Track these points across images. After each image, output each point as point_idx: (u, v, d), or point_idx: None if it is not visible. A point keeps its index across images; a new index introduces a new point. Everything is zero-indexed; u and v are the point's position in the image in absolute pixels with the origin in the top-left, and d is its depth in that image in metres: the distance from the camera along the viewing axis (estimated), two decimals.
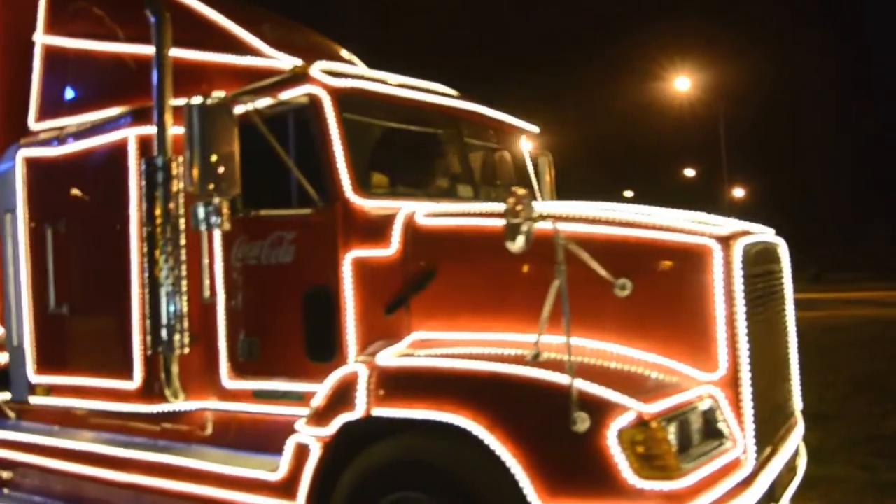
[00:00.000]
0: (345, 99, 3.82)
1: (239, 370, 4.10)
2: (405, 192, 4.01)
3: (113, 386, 4.39)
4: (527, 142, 5.31)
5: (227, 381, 4.12)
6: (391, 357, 3.34)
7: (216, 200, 3.61)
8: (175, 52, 4.26)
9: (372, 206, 3.75)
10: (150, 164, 4.05)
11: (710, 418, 3.11)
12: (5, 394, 5.11)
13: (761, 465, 3.29)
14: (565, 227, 3.41)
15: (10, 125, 5.15)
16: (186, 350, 4.14)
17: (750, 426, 3.18)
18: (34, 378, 4.88)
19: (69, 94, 4.99)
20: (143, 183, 4.17)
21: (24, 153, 4.91)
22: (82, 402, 4.63)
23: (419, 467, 3.14)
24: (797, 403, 4.24)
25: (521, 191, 2.92)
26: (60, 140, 4.75)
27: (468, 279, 3.53)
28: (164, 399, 4.19)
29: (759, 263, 3.57)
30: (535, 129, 5.27)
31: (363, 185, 3.78)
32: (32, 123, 5.04)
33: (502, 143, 5.14)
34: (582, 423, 2.72)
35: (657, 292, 3.27)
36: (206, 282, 4.16)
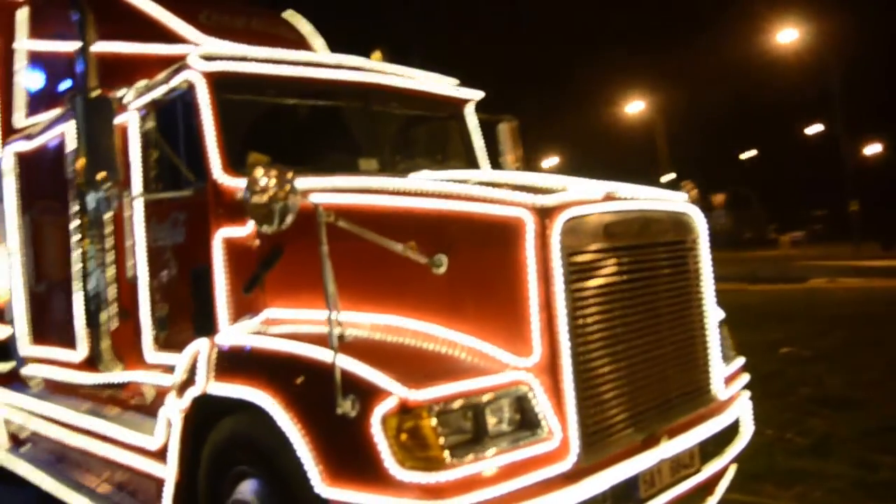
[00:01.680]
0: (220, 82, 3.92)
1: (157, 344, 4.36)
2: (287, 169, 4.03)
3: (68, 358, 4.84)
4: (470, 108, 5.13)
5: (149, 355, 4.40)
6: (228, 335, 3.44)
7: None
8: (111, 46, 4.59)
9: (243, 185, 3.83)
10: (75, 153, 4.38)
11: (525, 407, 2.88)
12: (9, 363, 5.75)
13: (611, 460, 3.00)
14: (367, 201, 3.35)
15: (8, 125, 5.73)
16: (114, 325, 4.48)
17: (572, 417, 2.91)
18: (24, 350, 5.46)
19: (48, 91, 5.47)
20: (72, 171, 4.53)
21: (13, 147, 5.47)
22: (52, 371, 5.13)
23: (247, 444, 3.21)
24: (720, 390, 3.78)
25: (279, 169, 2.87)
26: (33, 135, 5.24)
27: (310, 256, 3.52)
28: (99, 370, 4.55)
29: (621, 236, 3.22)
30: (474, 94, 5.07)
31: (236, 165, 3.87)
32: (23, 120, 5.58)
33: (438, 112, 5.03)
34: (344, 406, 2.66)
35: (473, 270, 3.09)
36: (130, 261, 4.45)
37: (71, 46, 5.18)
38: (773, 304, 14.12)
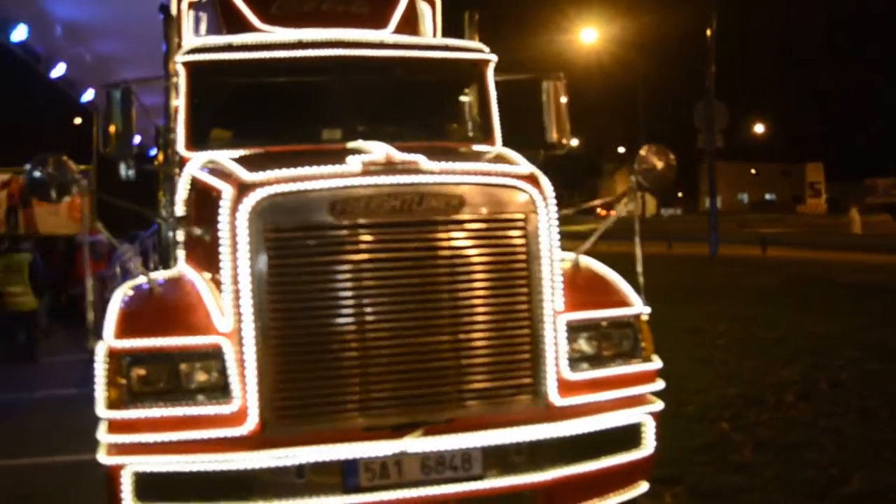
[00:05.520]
0: (197, 69, 4.61)
1: None
2: (243, 142, 4.51)
3: None
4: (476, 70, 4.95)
5: None
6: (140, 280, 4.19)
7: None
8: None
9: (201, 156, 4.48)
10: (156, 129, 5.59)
11: (218, 370, 3.16)
12: None
13: (319, 438, 3.09)
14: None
15: None
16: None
17: (253, 386, 3.10)
18: None
19: None
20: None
21: None
22: None
23: None
24: (554, 394, 3.37)
25: (61, 155, 3.46)
26: None
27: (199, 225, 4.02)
28: None
29: (359, 213, 3.16)
30: (484, 56, 4.89)
31: (199, 140, 4.55)
32: None
33: (445, 77, 4.99)
34: (92, 344, 3.25)
35: (217, 239, 3.31)
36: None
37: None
38: None
